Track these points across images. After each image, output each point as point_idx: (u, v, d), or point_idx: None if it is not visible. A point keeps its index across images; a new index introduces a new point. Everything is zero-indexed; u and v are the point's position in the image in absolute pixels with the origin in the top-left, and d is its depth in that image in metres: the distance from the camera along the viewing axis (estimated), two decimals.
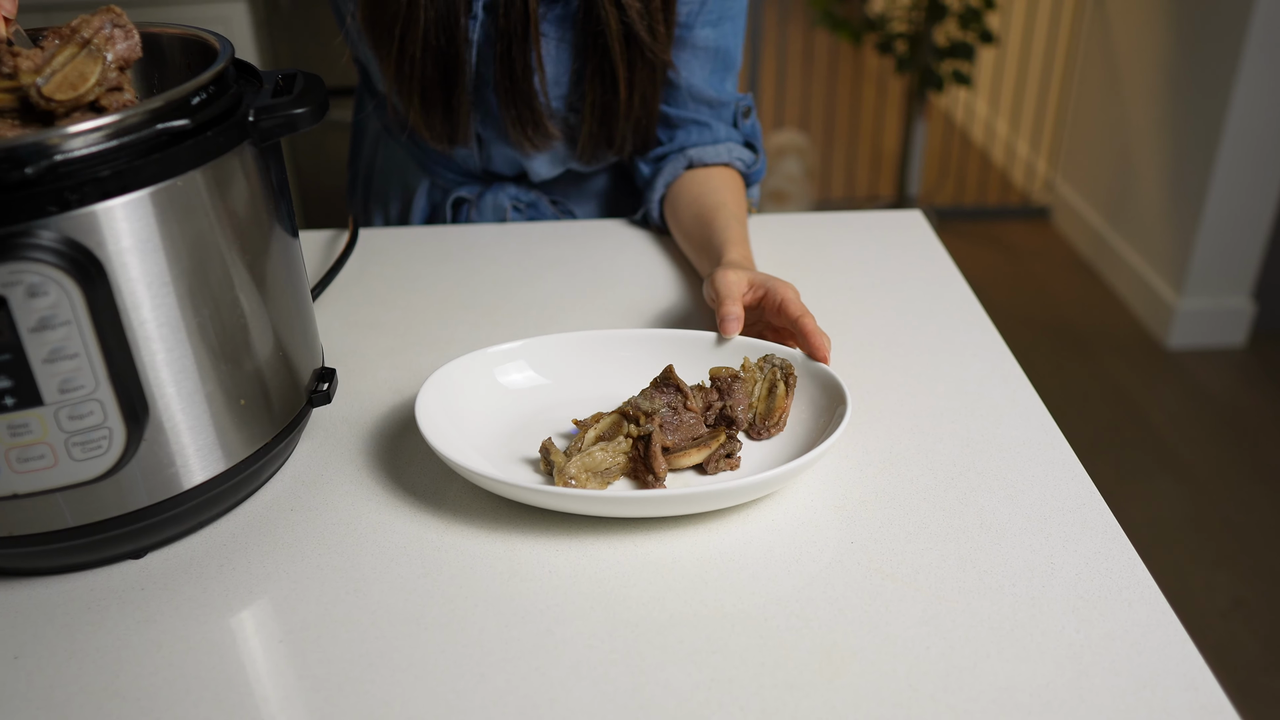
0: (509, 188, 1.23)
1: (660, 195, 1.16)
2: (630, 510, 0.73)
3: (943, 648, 0.64)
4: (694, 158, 1.14)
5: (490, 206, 1.23)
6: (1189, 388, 2.73)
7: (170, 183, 0.63)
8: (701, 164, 1.14)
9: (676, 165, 1.15)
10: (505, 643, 0.65)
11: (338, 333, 1.01)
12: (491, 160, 1.20)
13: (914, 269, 1.13)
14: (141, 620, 0.68)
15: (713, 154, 1.14)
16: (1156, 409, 2.65)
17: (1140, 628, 0.65)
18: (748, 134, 1.18)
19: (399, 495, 0.79)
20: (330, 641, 0.66)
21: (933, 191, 3.77)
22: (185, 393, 0.68)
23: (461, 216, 1.25)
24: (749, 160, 1.17)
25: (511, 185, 1.23)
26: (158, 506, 0.70)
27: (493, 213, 1.23)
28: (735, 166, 1.15)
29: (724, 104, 1.15)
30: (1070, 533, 0.74)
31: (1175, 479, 2.40)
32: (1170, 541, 2.22)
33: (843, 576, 0.70)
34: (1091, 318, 3.06)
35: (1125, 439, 2.54)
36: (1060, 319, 3.05)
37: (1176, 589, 2.08)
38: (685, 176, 1.14)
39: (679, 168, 1.14)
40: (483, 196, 1.23)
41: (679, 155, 1.15)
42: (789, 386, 0.82)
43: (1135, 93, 3.03)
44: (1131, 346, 2.91)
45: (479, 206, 1.23)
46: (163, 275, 0.64)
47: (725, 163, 1.15)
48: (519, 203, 1.23)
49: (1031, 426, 0.86)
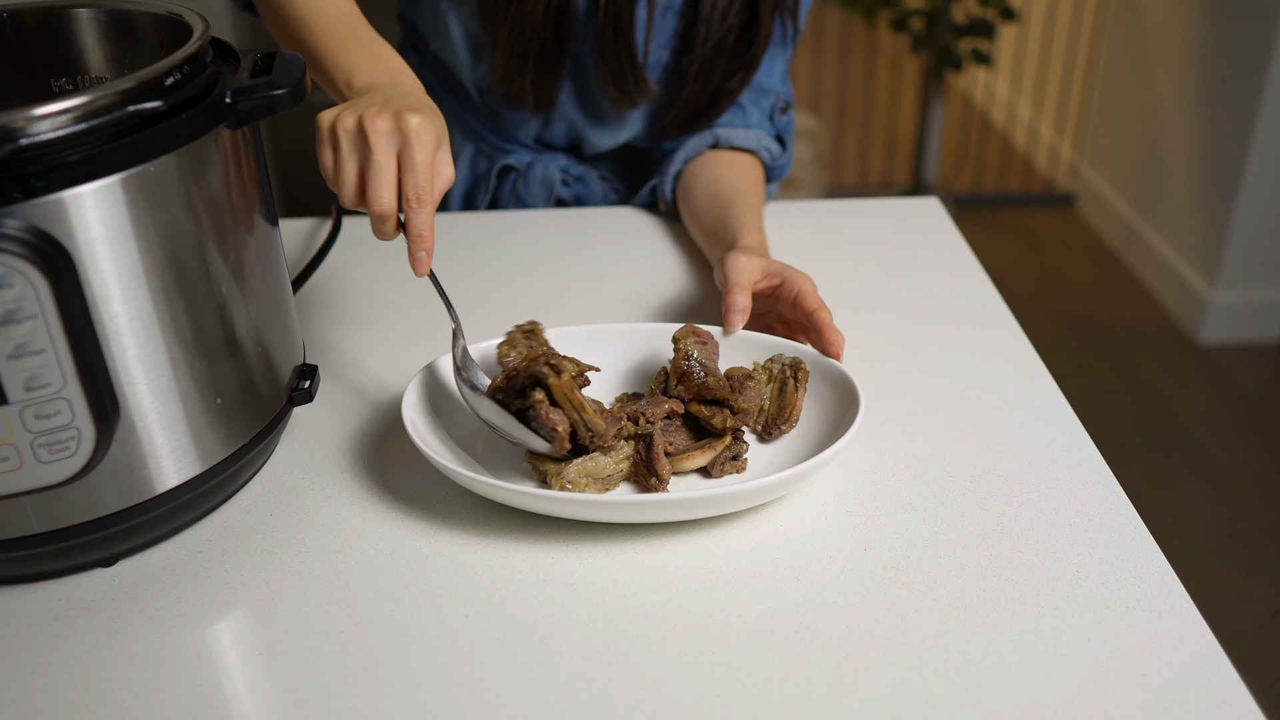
0: (559, 159, 1.23)
1: (677, 170, 1.16)
2: (630, 515, 0.73)
3: (961, 661, 0.64)
4: (721, 137, 1.15)
5: (539, 178, 1.23)
6: (1222, 385, 2.73)
7: (142, 168, 0.63)
8: (728, 145, 1.15)
9: (701, 141, 1.15)
10: (498, 656, 0.65)
11: (320, 327, 1.01)
12: (550, 128, 1.20)
13: (931, 260, 1.13)
14: (112, 632, 0.68)
15: (741, 137, 1.15)
16: (1188, 408, 2.65)
17: (1170, 640, 0.65)
18: (781, 129, 1.19)
19: (385, 499, 0.79)
20: (312, 654, 0.66)
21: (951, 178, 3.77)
22: (158, 391, 0.68)
23: (506, 188, 1.25)
24: (776, 154, 1.17)
25: (562, 156, 1.23)
26: (129, 511, 0.70)
27: (540, 185, 1.23)
28: (760, 156, 1.16)
29: (766, 92, 1.16)
30: (1096, 539, 0.74)
31: (1207, 482, 2.40)
32: (1202, 548, 2.22)
33: (855, 586, 0.70)
34: (1119, 311, 3.06)
35: (1155, 440, 2.54)
36: (1086, 312, 3.05)
37: (1209, 599, 2.08)
38: (707, 156, 1.15)
39: (703, 144, 1.15)
40: (532, 166, 1.23)
41: (706, 133, 1.15)
42: (799, 382, 0.82)
43: (1165, 72, 3.03)
44: (1161, 342, 2.91)
45: (527, 177, 1.23)
46: (134, 266, 0.64)
47: (751, 149, 1.15)
48: (568, 176, 1.24)
49: (1055, 427, 0.86)
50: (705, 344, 0.83)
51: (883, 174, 3.86)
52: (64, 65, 0.81)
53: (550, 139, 1.22)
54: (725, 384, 0.80)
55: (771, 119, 1.18)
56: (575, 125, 1.19)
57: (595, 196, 1.26)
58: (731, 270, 0.90)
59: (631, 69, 1.10)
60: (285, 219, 1.17)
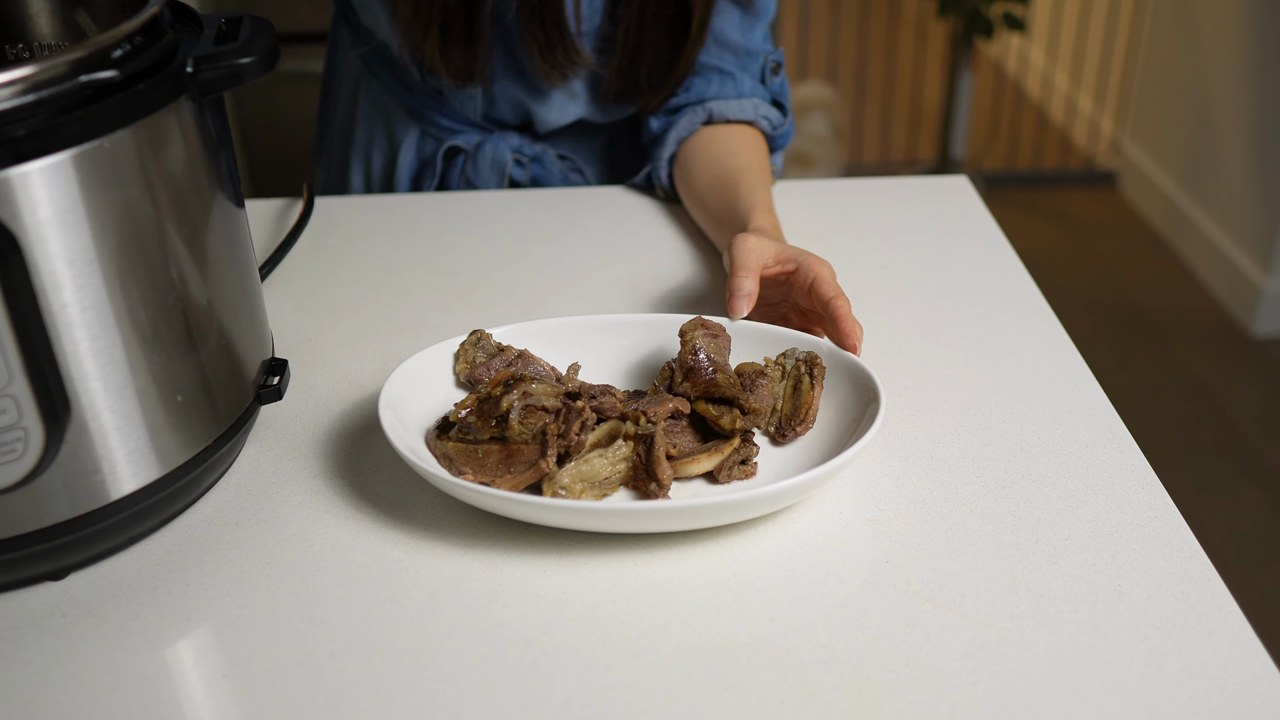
0: (511, 138, 1.23)
1: (671, 153, 1.16)
2: (630, 524, 0.73)
3: (992, 684, 0.64)
4: (714, 111, 1.14)
5: (489, 159, 1.23)
6: (1278, 381, 2.73)
7: (96, 144, 0.63)
8: (723, 119, 1.15)
9: (693, 119, 1.15)
10: (485, 678, 0.65)
11: (290, 318, 1.01)
12: (495, 104, 1.20)
13: (959, 244, 1.13)
14: (62, 651, 0.68)
15: (736, 109, 1.14)
16: (1240, 406, 2.65)
17: (1222, 661, 0.65)
18: (776, 92, 1.18)
19: (362, 506, 0.79)
20: (281, 677, 0.66)
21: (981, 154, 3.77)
22: (113, 387, 0.68)
23: (455, 171, 1.25)
24: (776, 121, 1.17)
25: (515, 135, 1.23)
26: (81, 520, 0.70)
27: (491, 166, 1.23)
28: (760, 126, 1.16)
29: (752, 54, 1.16)
30: (1140, 550, 0.74)
31: (1262, 488, 2.40)
32: (1257, 560, 2.23)
33: (876, 601, 0.70)
34: (1165, 300, 3.06)
35: (1204, 441, 2.55)
36: (1129, 302, 3.06)
37: (1264, 615, 2.08)
38: (702, 133, 1.14)
39: (696, 122, 1.14)
40: (481, 147, 1.23)
41: (697, 108, 1.15)
42: (815, 378, 0.82)
43: (1216, 37, 3.03)
44: (1211, 334, 2.91)
45: (476, 159, 1.23)
46: (87, 251, 0.64)
47: (749, 120, 1.15)
48: (522, 156, 1.23)
49: (1095, 427, 0.86)
50: (716, 337, 0.83)
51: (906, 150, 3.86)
52: (13, 31, 0.81)
53: (499, 116, 1.22)
54: (735, 381, 0.80)
55: (764, 82, 1.17)
56: (519, 101, 1.19)
57: (554, 177, 1.26)
58: (739, 252, 0.90)
59: (561, 39, 1.10)
60: (252, 199, 1.17)
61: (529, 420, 0.76)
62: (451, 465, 0.77)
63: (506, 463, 0.76)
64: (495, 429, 0.76)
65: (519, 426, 0.75)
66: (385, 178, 1.30)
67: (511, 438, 0.75)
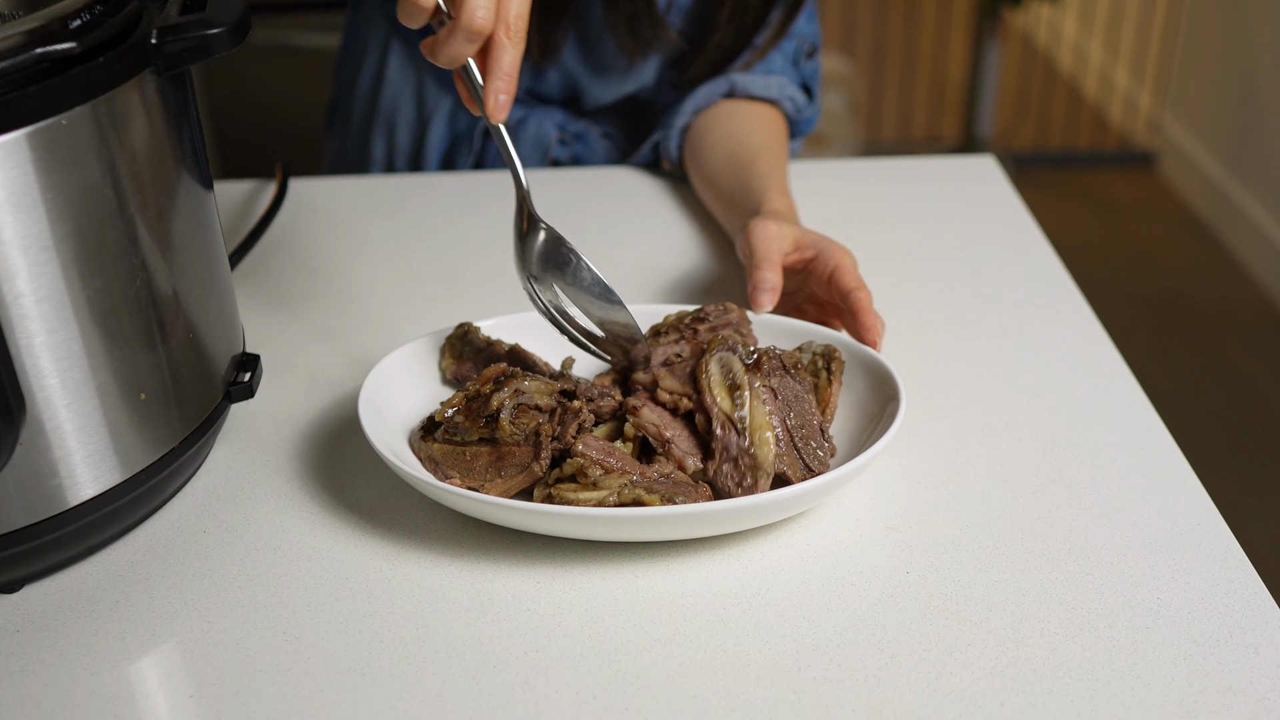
0: (555, 114, 1.23)
1: (684, 124, 1.16)
2: (629, 532, 0.73)
3: (1021, 704, 0.64)
4: (738, 85, 1.14)
5: (531, 136, 1.22)
6: None
7: (52, 121, 0.63)
8: (746, 95, 1.15)
9: (713, 90, 1.15)
10: (473, 698, 0.65)
11: (262, 310, 1.01)
12: (544, 77, 1.20)
13: (985, 229, 1.13)
14: (16, 670, 0.68)
15: (761, 86, 1.14)
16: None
17: (1269, 680, 0.65)
18: (807, 77, 1.18)
19: (339, 513, 0.79)
20: (252, 697, 0.66)
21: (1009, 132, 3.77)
22: (71, 385, 0.68)
23: (493, 147, 1.24)
24: (801, 104, 1.17)
25: (558, 111, 1.23)
26: (36, 528, 0.69)
27: (534, 144, 1.23)
28: (783, 107, 1.16)
29: (790, 34, 1.16)
30: (1181, 560, 0.74)
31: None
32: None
33: (896, 615, 0.70)
34: (1208, 290, 3.06)
35: (1250, 442, 2.55)
36: (1169, 292, 3.05)
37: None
38: (721, 107, 1.14)
39: (716, 93, 1.14)
40: (523, 123, 1.22)
41: (720, 79, 1.15)
42: (833, 374, 0.82)
43: (1262, 6, 3.02)
44: (1257, 326, 2.91)
45: (518, 135, 1.22)
46: (43, 237, 0.64)
47: (773, 99, 1.15)
48: (565, 134, 1.23)
49: (1133, 427, 0.86)
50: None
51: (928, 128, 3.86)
52: None
53: (544, 91, 1.22)
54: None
55: (796, 64, 1.17)
56: (573, 76, 1.19)
57: (596, 157, 1.26)
58: (759, 240, 0.90)
59: (649, 12, 1.10)
60: (221, 181, 1.17)
61: (521, 420, 0.76)
62: (437, 469, 0.77)
63: (496, 466, 0.76)
64: (484, 429, 0.76)
65: (510, 427, 0.75)
66: (412, 153, 1.28)
67: (502, 439, 0.75)
